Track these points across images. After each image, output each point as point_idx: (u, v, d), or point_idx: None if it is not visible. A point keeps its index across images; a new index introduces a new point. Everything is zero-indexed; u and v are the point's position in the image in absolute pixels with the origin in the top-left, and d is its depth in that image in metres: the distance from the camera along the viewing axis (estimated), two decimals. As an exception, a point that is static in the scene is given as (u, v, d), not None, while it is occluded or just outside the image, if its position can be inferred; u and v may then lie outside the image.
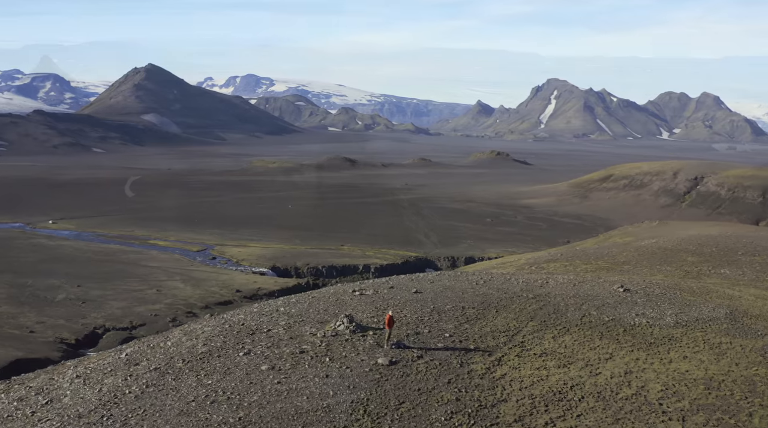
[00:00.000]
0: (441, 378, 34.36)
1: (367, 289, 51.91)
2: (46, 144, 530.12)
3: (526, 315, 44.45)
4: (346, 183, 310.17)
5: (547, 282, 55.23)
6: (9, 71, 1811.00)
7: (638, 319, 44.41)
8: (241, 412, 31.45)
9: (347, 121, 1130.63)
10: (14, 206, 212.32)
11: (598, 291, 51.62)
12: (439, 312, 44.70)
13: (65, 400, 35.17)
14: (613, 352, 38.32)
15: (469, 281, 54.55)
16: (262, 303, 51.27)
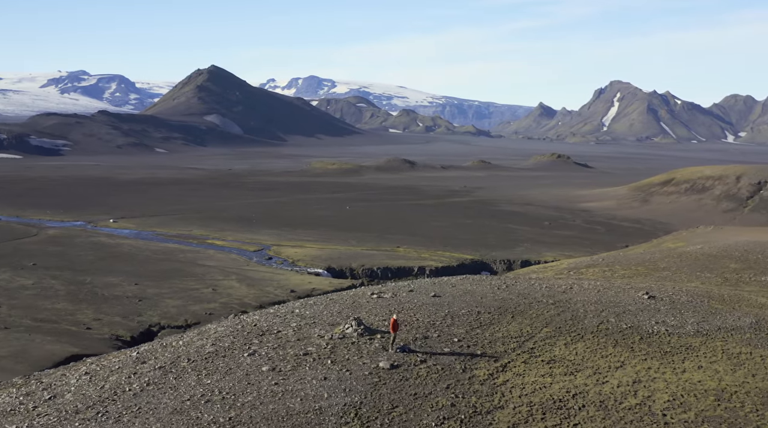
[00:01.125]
0: (440, 383, 34.12)
1: (386, 292, 51.87)
2: (110, 144, 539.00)
3: (542, 321, 43.88)
4: (405, 184, 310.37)
5: (571, 287, 54.52)
6: (75, 72, 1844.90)
7: (657, 327, 43.48)
8: (232, 412, 31.64)
9: (408, 122, 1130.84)
10: (77, 205, 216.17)
11: (622, 298, 50.73)
12: (452, 316, 44.39)
13: (67, 396, 35.73)
14: (624, 361, 37.56)
15: (490, 285, 54.16)
16: (279, 305, 51.50)
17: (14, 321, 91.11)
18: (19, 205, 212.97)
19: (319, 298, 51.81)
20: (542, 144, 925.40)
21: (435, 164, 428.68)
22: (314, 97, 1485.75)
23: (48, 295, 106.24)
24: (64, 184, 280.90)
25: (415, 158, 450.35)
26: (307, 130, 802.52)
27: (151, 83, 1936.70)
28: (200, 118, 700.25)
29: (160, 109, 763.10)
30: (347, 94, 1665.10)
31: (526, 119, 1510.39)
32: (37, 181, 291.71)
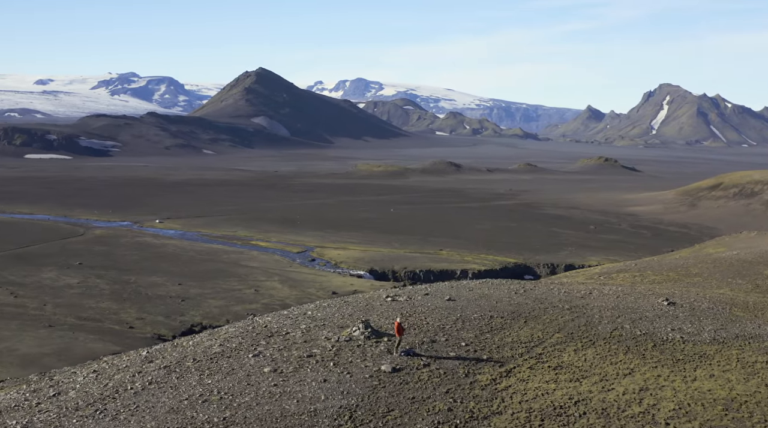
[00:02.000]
0: (440, 387, 33.86)
1: (401, 296, 51.76)
2: (158, 145, 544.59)
3: (555, 326, 43.34)
4: (450, 187, 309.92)
5: (591, 293, 53.80)
6: (125, 74, 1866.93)
7: (672, 334, 42.63)
8: (228, 412, 31.72)
9: (455, 125, 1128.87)
10: (124, 205, 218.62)
11: (641, 304, 49.86)
12: (464, 320, 44.06)
13: (71, 393, 36.07)
14: (634, 368, 36.88)
15: (508, 290, 53.70)
16: (293, 307, 51.55)
17: (59, 320, 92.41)
18: (67, 205, 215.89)
19: (334, 300, 51.82)
20: (590, 147, 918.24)
21: (481, 167, 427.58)
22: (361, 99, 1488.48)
23: (92, 294, 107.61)
24: (112, 184, 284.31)
25: (461, 161, 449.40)
26: (354, 132, 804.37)
27: (200, 85, 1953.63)
28: (248, 119, 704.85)
29: (208, 111, 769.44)
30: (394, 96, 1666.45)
31: (574, 122, 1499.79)
32: (85, 181, 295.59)
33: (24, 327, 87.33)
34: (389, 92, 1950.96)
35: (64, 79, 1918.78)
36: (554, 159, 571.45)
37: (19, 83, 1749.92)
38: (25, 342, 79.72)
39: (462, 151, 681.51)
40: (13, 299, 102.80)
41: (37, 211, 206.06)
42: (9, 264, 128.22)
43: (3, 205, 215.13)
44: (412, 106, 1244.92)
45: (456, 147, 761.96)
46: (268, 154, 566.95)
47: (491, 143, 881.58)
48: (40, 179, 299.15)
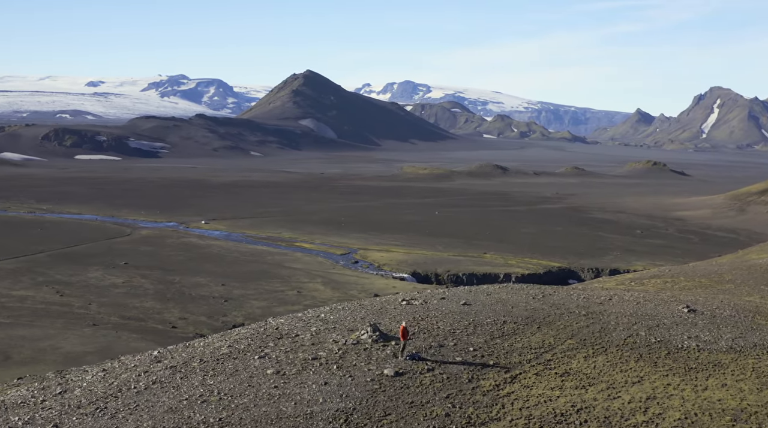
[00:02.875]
0: (441, 392, 33.60)
1: (416, 299, 51.58)
2: (206, 147, 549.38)
3: (568, 332, 42.78)
4: (496, 190, 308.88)
5: (611, 299, 53.04)
6: (175, 76, 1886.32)
7: (688, 342, 41.75)
8: (224, 413, 31.82)
9: (502, 128, 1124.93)
10: (171, 206, 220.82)
11: (660, 311, 48.94)
12: (475, 325, 43.72)
13: (76, 392, 36.41)
14: (644, 376, 36.19)
15: (526, 295, 53.19)
16: (308, 310, 51.52)
17: (103, 319, 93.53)
18: (115, 206, 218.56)
19: (349, 303, 51.82)
20: (639, 151, 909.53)
21: (527, 170, 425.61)
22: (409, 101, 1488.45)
23: (137, 294, 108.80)
24: (160, 185, 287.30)
25: (508, 164, 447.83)
26: (401, 134, 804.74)
27: (249, 87, 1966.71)
28: (295, 122, 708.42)
29: (256, 113, 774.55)
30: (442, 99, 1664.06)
31: (623, 125, 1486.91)
32: (133, 182, 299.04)
33: (68, 326, 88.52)
34: (437, 95, 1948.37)
35: (115, 81, 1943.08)
36: (602, 162, 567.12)
37: (71, 85, 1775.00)
38: (68, 341, 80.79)
39: (509, 154, 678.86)
40: (59, 298, 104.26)
41: (85, 211, 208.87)
42: (56, 263, 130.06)
43: (52, 205, 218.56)
44: (459, 109, 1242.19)
45: (503, 150, 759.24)
46: (314, 156, 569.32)
47: (539, 146, 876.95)
48: (89, 180, 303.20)
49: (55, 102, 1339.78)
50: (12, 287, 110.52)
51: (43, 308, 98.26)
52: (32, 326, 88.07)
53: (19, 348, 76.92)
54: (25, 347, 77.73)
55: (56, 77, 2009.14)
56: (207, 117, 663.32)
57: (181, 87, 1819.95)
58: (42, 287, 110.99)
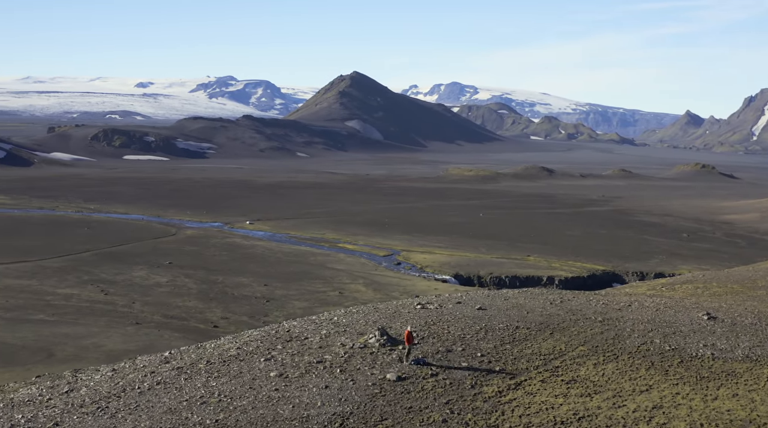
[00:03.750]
0: (441, 398, 33.37)
1: (432, 303, 51.46)
2: (253, 148, 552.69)
3: (581, 339, 42.23)
4: (541, 192, 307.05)
5: (630, 305, 52.21)
6: (223, 78, 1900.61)
7: (703, 350, 40.93)
8: (221, 415, 31.93)
9: (550, 130, 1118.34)
10: (216, 206, 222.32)
11: (679, 318, 48.08)
12: (487, 330, 43.39)
13: (82, 391, 36.77)
14: (653, 384, 35.58)
15: (544, 300, 52.60)
16: (322, 312, 51.48)
17: (146, 317, 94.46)
18: (161, 206, 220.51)
19: (364, 306, 51.74)
20: (688, 153, 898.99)
21: (574, 172, 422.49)
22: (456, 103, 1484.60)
23: (180, 293, 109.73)
24: (206, 185, 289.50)
25: (554, 166, 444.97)
26: (447, 136, 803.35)
27: (296, 88, 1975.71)
28: (341, 123, 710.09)
29: (303, 114, 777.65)
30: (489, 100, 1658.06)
31: (672, 127, 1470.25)
32: (180, 182, 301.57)
33: (112, 324, 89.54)
34: (484, 96, 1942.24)
35: (164, 82, 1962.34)
36: (650, 165, 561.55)
37: (120, 86, 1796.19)
38: (111, 339, 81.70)
39: (556, 155, 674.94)
40: (103, 296, 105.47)
41: (131, 210, 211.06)
42: (102, 262, 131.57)
43: (100, 204, 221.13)
44: (506, 110, 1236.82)
45: (550, 152, 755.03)
46: (360, 157, 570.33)
47: (586, 148, 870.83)
48: (136, 180, 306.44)
49: (105, 103, 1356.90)
50: (58, 285, 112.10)
51: (88, 306, 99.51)
52: (76, 324, 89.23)
53: (62, 346, 77.96)
54: (68, 344, 78.76)
55: (106, 78, 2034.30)
56: (254, 118, 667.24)
57: (229, 88, 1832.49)
58: (87, 285, 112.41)
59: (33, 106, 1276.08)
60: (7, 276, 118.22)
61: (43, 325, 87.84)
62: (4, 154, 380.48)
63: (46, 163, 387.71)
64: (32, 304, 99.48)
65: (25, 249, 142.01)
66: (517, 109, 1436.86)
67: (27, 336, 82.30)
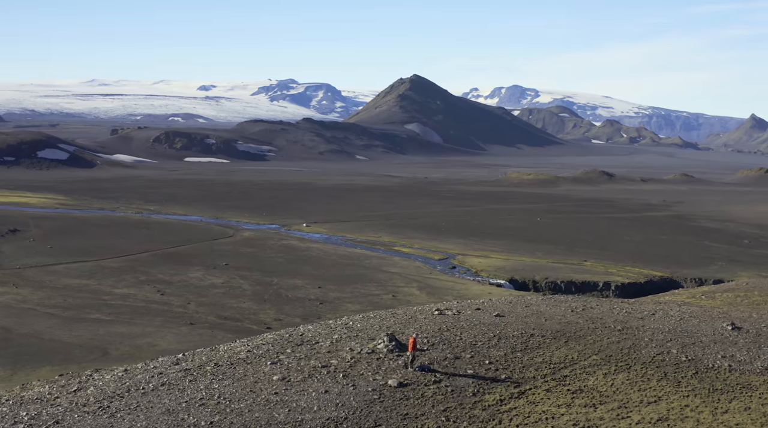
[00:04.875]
0: (439, 405, 33.08)
1: (450, 309, 51.24)
2: (312, 150, 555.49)
3: (595, 347, 41.58)
4: (601, 197, 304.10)
5: (654, 313, 51.23)
6: (284, 81, 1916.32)
7: (721, 362, 40.02)
8: (217, 417, 32.03)
9: (611, 133, 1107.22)
10: (274, 208, 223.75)
11: (702, 328, 47.02)
12: (500, 338, 43.00)
13: (90, 390, 37.24)
14: (662, 396, 34.88)
15: (566, 307, 51.85)
16: (341, 317, 51.42)
17: (200, 318, 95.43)
18: (220, 208, 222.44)
19: (381, 312, 51.60)
20: (752, 157, 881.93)
21: (634, 177, 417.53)
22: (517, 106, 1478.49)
23: (235, 294, 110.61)
24: (265, 188, 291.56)
25: (615, 170, 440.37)
26: (507, 139, 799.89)
27: (357, 91, 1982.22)
28: (401, 126, 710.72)
29: (362, 117, 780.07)
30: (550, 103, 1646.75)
31: (737, 131, 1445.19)
32: (239, 184, 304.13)
33: (166, 324, 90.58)
34: (545, 99, 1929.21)
35: (226, 86, 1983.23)
36: (713, 169, 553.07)
37: (183, 89, 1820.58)
38: (165, 339, 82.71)
39: (617, 159, 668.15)
40: (159, 296, 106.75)
41: (190, 212, 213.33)
42: (159, 263, 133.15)
43: (159, 205, 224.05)
44: (567, 114, 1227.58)
45: (611, 155, 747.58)
46: (419, 160, 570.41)
47: (648, 152, 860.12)
48: (196, 182, 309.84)
49: (168, 105, 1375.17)
50: (115, 285, 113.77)
51: (144, 306, 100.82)
52: (131, 323, 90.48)
53: (117, 345, 79.21)
54: (123, 343, 79.97)
55: (170, 81, 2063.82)
56: (314, 121, 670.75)
57: (290, 91, 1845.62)
58: (144, 286, 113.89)
59: (97, 109, 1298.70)
60: (66, 275, 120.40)
61: (99, 324, 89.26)
62: (67, 156, 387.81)
63: (108, 165, 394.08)
64: (90, 303, 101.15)
65: (85, 249, 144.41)
66: (578, 113, 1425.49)
67: (83, 334, 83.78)
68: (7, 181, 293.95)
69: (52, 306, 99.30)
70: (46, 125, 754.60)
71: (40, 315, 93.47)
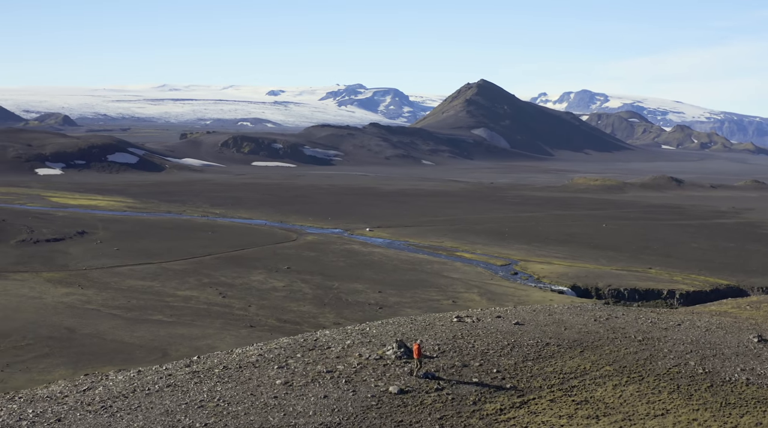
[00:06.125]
0: (436, 413, 32.85)
1: (470, 316, 51.06)
2: (378, 155, 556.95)
3: (611, 358, 40.92)
4: (668, 203, 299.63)
5: (680, 324, 50.13)
6: (353, 86, 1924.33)
7: (738, 375, 39.03)
8: (212, 419, 32.28)
9: (682, 139, 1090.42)
10: (338, 213, 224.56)
11: (726, 340, 45.83)
12: (513, 346, 42.65)
13: (99, 389, 37.94)
14: (671, 409, 34.18)
15: (589, 316, 50.94)
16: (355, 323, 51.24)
17: (260, 321, 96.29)
18: (284, 212, 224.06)
19: (399, 318, 51.39)
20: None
21: (704, 183, 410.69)
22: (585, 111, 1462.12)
23: (296, 298, 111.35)
24: (330, 192, 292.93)
25: (684, 176, 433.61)
26: (575, 145, 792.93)
27: (424, 96, 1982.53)
28: (468, 131, 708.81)
29: (429, 122, 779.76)
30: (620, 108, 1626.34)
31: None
32: (304, 188, 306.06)
33: (226, 327, 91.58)
34: (615, 104, 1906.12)
35: (294, 91, 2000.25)
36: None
37: (252, 94, 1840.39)
38: (225, 341, 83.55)
39: (687, 165, 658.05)
40: (221, 299, 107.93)
41: (255, 216, 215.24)
42: (222, 265, 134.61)
43: (225, 209, 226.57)
44: (637, 119, 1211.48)
45: (681, 161, 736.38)
46: (486, 165, 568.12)
47: (719, 158, 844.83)
48: (262, 186, 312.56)
49: (237, 110, 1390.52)
50: (178, 287, 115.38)
51: (205, 308, 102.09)
52: (192, 325, 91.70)
53: (177, 346, 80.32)
54: (183, 345, 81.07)
55: (239, 86, 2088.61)
56: (380, 126, 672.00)
57: (358, 96, 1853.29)
58: (206, 288, 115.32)
59: (168, 113, 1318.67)
60: (131, 277, 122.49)
61: (160, 326, 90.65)
62: (136, 160, 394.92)
63: (176, 169, 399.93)
64: (152, 305, 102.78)
65: (150, 251, 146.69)
66: (648, 118, 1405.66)
67: (144, 335, 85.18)
68: (77, 184, 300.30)
69: (115, 307, 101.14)
70: (118, 129, 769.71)
71: (104, 316, 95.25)
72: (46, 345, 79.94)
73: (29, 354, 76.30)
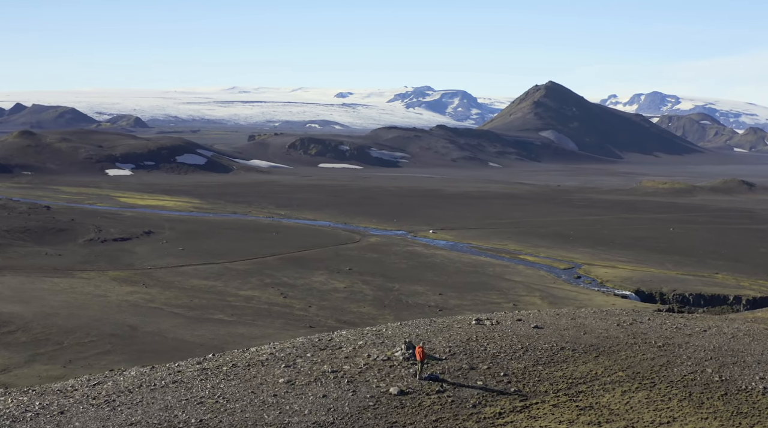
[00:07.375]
0: (432, 415, 32.60)
1: (490, 319, 50.73)
2: (445, 157, 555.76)
3: (625, 363, 40.16)
4: (738, 207, 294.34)
5: (706, 331, 48.82)
6: (420, 88, 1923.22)
7: (756, 384, 37.81)
8: (208, 415, 32.46)
9: (755, 141, 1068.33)
10: (402, 215, 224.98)
11: (751, 347, 44.48)
12: (526, 350, 42.16)
13: (107, 384, 38.24)
14: (678, 417, 33.29)
15: (613, 321, 49.89)
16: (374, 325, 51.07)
17: (320, 321, 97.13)
18: (349, 213, 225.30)
19: (418, 320, 51.28)
20: None
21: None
22: (656, 113, 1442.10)
23: (356, 299, 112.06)
24: (395, 194, 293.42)
25: (756, 180, 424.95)
26: (645, 147, 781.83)
27: (492, 98, 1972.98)
28: (535, 133, 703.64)
29: (496, 125, 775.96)
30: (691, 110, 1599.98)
31: None
32: (370, 190, 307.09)
33: (286, 327, 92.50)
34: (686, 106, 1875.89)
35: (362, 93, 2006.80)
36: None
37: (320, 96, 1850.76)
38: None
39: (760, 169, 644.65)
40: (282, 299, 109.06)
41: (320, 217, 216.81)
42: (285, 266, 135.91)
43: (290, 210, 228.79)
44: (709, 121, 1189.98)
45: (753, 165, 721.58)
46: (553, 168, 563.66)
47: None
48: (328, 187, 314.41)
49: (305, 112, 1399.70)
50: (241, 287, 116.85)
51: (266, 308, 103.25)
52: (252, 325, 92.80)
53: (235, 345, 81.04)
54: (241, 344, 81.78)
55: (307, 89, 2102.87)
56: (447, 128, 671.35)
57: (425, 98, 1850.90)
58: (268, 288, 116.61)
59: (237, 115, 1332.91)
60: (194, 276, 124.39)
61: (221, 325, 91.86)
62: (204, 161, 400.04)
63: (244, 170, 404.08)
64: (214, 304, 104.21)
65: (214, 251, 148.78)
66: (720, 120, 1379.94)
67: (205, 334, 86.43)
68: (146, 185, 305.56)
69: (178, 306, 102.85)
70: (188, 131, 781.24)
71: (166, 315, 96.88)
72: (109, 342, 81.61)
73: (91, 351, 77.96)
